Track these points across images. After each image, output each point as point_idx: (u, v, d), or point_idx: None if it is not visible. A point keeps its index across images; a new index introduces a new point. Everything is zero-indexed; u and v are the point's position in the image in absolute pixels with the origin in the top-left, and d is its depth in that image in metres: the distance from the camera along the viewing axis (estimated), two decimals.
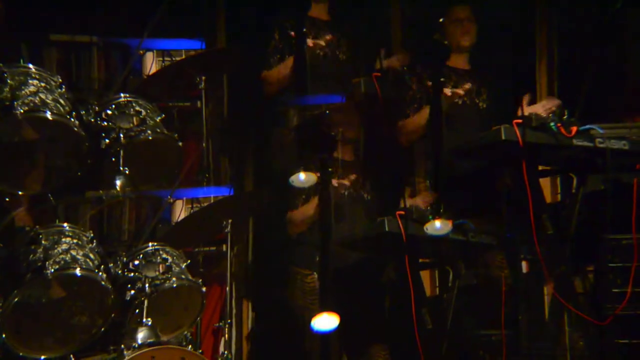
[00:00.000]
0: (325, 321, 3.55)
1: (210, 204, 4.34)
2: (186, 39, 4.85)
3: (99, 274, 3.44)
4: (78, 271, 3.41)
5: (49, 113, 3.42)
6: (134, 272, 3.59)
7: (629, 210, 3.87)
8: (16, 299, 3.31)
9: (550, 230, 3.93)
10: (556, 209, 4.21)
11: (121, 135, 3.63)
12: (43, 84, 3.51)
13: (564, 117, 3.95)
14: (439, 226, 3.85)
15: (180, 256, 3.74)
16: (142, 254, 3.65)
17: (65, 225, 3.55)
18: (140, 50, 4.71)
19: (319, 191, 3.88)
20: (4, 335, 3.31)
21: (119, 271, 3.60)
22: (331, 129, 4.16)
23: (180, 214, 4.56)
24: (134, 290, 3.54)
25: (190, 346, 3.61)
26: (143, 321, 3.47)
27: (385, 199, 4.39)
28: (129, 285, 3.56)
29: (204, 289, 3.70)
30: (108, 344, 3.51)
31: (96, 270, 3.45)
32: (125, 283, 3.57)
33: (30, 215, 3.68)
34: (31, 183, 3.53)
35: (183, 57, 4.72)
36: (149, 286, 3.53)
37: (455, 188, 4.23)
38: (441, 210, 3.96)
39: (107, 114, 3.70)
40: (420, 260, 4.37)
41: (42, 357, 3.39)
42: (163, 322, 3.58)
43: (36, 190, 3.57)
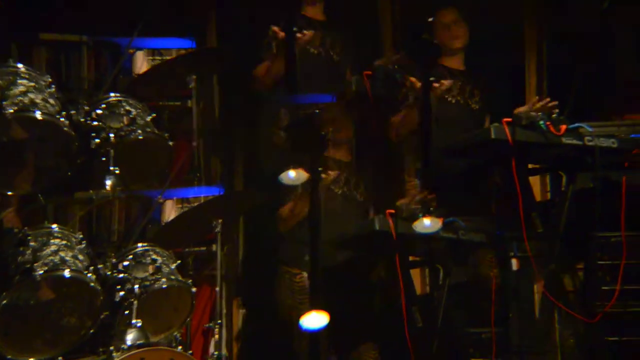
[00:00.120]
0: (314, 320, 3.55)
1: (200, 203, 4.34)
2: (176, 38, 4.84)
3: (88, 275, 3.44)
4: (67, 272, 3.41)
5: (38, 113, 3.42)
6: (123, 273, 3.59)
7: (617, 208, 3.88)
8: (5, 301, 3.31)
9: (540, 228, 3.94)
10: (546, 207, 4.21)
11: (111, 134, 3.63)
12: (32, 84, 3.51)
13: (553, 116, 3.96)
14: (428, 224, 3.86)
15: (170, 257, 3.75)
16: (132, 255, 3.66)
17: (54, 226, 3.56)
18: (131, 50, 4.70)
19: (309, 190, 3.88)
20: None
21: (109, 272, 3.60)
22: (322, 128, 4.16)
23: (170, 214, 4.56)
24: (123, 292, 3.55)
25: (180, 347, 3.61)
26: (132, 322, 3.47)
27: (376, 197, 4.39)
28: (119, 287, 3.57)
29: (194, 290, 3.70)
30: (97, 345, 3.51)
31: (85, 272, 3.45)
32: (115, 284, 3.58)
33: (19, 216, 3.67)
34: (21, 183, 3.52)
35: (173, 56, 4.71)
36: (138, 287, 3.54)
37: (446, 186, 4.24)
38: (431, 209, 3.97)
39: (97, 113, 3.69)
40: (410, 258, 4.38)
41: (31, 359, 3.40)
42: (153, 323, 3.59)
43: (26, 191, 3.57)
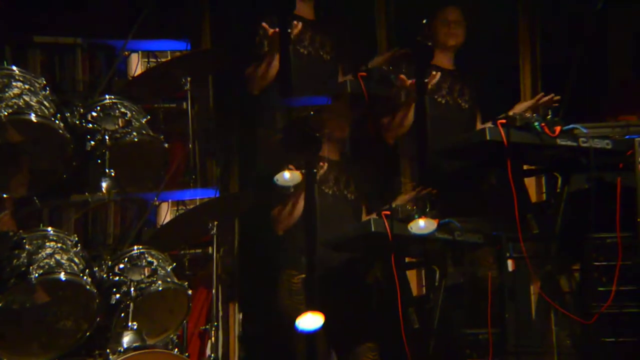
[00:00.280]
0: (310, 321, 3.55)
1: (196, 206, 4.33)
2: (171, 40, 4.83)
3: (84, 278, 3.43)
4: (62, 275, 3.40)
5: (33, 115, 3.40)
6: (119, 276, 3.58)
7: (613, 209, 3.89)
8: (0, 304, 3.30)
9: (535, 229, 3.95)
10: (541, 208, 4.23)
11: (106, 137, 3.62)
12: (27, 86, 3.49)
13: (548, 117, 3.97)
14: (423, 225, 3.87)
15: (165, 259, 3.74)
16: (128, 258, 3.64)
17: (50, 229, 3.54)
18: (125, 52, 4.70)
19: (305, 192, 3.88)
20: None
21: (104, 275, 3.59)
22: (317, 130, 4.16)
23: (166, 217, 4.55)
24: (119, 294, 3.53)
25: (176, 349, 3.61)
26: (129, 325, 3.47)
27: (370, 198, 4.39)
28: (114, 289, 3.55)
29: (190, 292, 3.69)
30: (93, 348, 3.50)
31: (81, 275, 3.44)
32: (111, 287, 3.56)
33: (14, 219, 3.66)
34: (16, 186, 3.51)
35: (168, 59, 4.71)
36: (134, 290, 3.53)
37: (441, 188, 4.24)
38: (427, 210, 3.97)
39: (92, 115, 3.68)
40: (406, 259, 4.39)
41: None
42: (149, 326, 3.58)
43: (21, 194, 3.55)
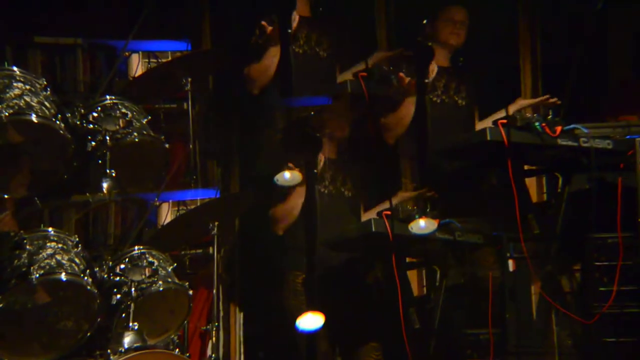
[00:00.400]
0: (310, 321, 3.55)
1: (197, 206, 4.33)
2: (172, 40, 4.84)
3: (85, 279, 3.43)
4: (63, 276, 3.39)
5: (34, 116, 3.40)
6: (120, 276, 3.57)
7: (614, 209, 3.89)
8: (1, 305, 3.30)
9: (536, 229, 3.95)
10: (542, 209, 4.23)
11: (107, 137, 3.61)
12: (28, 87, 3.49)
13: (549, 117, 3.97)
14: (423, 225, 3.87)
15: (166, 259, 3.74)
16: (128, 258, 3.64)
17: (50, 229, 3.54)
18: (126, 52, 4.70)
19: (305, 192, 3.88)
20: None
21: (105, 275, 3.59)
22: (317, 130, 4.17)
23: (167, 217, 4.55)
24: (120, 295, 3.53)
25: (177, 350, 3.60)
26: (129, 325, 3.46)
27: (368, 195, 4.39)
28: (115, 290, 3.55)
29: (190, 292, 3.69)
30: (94, 348, 3.50)
31: (82, 275, 3.43)
32: (111, 287, 3.56)
33: (15, 219, 3.66)
34: (17, 186, 3.51)
35: (169, 59, 4.71)
36: (135, 290, 3.52)
37: (442, 188, 4.24)
38: (428, 210, 3.98)
39: (93, 116, 3.67)
40: (407, 259, 4.39)
41: None
42: (150, 326, 3.58)
43: (22, 194, 3.55)
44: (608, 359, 3.92)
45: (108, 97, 3.76)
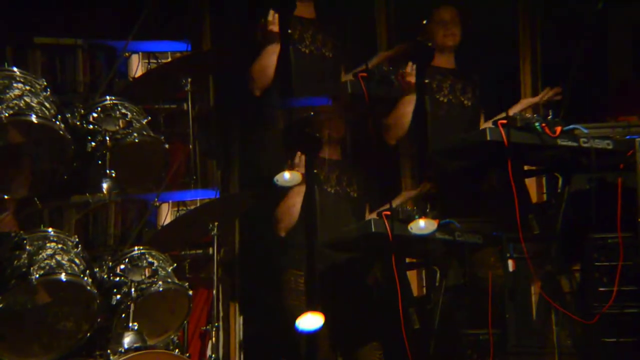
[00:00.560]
0: (310, 321, 3.55)
1: (197, 207, 4.33)
2: (172, 41, 4.84)
3: (85, 279, 3.42)
4: (63, 276, 3.39)
5: (34, 116, 3.39)
6: (119, 277, 3.57)
7: (614, 209, 3.89)
8: (0, 305, 3.29)
9: (536, 229, 3.95)
10: (542, 209, 4.23)
11: (107, 138, 3.61)
12: (28, 87, 3.48)
13: (549, 117, 3.97)
14: (423, 225, 3.87)
15: (166, 260, 3.74)
16: (128, 258, 3.64)
17: (50, 230, 3.53)
18: (126, 53, 4.70)
19: (305, 192, 3.88)
20: None
21: (105, 276, 3.58)
22: (317, 130, 4.17)
23: (167, 218, 4.55)
24: (120, 295, 3.53)
25: (177, 350, 3.60)
26: (129, 326, 3.46)
27: (372, 195, 4.40)
28: (115, 290, 3.55)
29: (190, 293, 3.69)
30: (94, 349, 3.49)
31: (82, 275, 3.43)
32: (111, 287, 3.56)
33: (16, 220, 3.66)
34: (17, 187, 3.50)
35: (169, 60, 4.71)
36: (135, 290, 3.52)
37: (442, 188, 4.24)
38: (427, 210, 3.98)
39: (93, 116, 3.67)
40: (407, 260, 4.39)
41: None
42: (149, 327, 3.57)
43: (23, 195, 3.55)
44: (608, 359, 3.92)
45: (108, 98, 3.75)
